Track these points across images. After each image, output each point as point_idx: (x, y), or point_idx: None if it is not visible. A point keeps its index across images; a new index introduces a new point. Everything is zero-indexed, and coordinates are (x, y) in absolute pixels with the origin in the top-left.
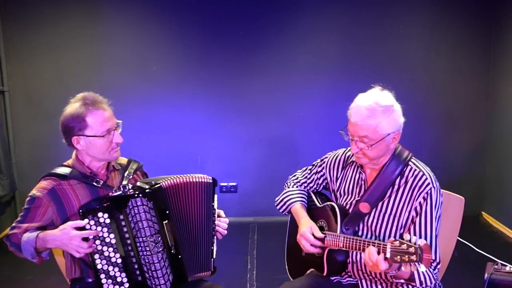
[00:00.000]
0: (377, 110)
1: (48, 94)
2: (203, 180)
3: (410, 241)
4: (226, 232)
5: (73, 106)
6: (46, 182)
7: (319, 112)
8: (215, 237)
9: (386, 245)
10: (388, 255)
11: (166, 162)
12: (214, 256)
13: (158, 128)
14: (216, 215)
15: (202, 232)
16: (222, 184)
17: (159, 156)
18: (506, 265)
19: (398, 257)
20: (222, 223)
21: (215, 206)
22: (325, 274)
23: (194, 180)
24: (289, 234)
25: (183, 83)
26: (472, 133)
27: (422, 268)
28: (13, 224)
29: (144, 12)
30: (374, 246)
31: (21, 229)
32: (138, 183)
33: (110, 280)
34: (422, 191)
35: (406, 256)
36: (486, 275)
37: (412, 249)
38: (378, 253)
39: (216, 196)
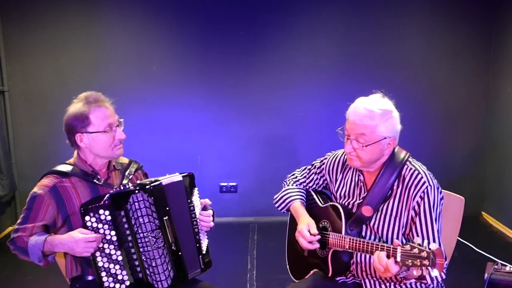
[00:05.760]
0: (375, 112)
1: (48, 94)
2: (178, 178)
3: (421, 244)
4: (212, 224)
5: (76, 106)
6: (48, 179)
7: (319, 112)
8: (199, 233)
9: (396, 248)
10: (398, 259)
11: (166, 162)
12: (204, 252)
13: (158, 128)
14: (196, 210)
15: (189, 229)
16: (222, 184)
17: (159, 156)
18: (506, 265)
19: (410, 261)
20: (205, 216)
21: (194, 202)
22: (330, 275)
23: (176, 179)
24: (289, 234)
25: (183, 83)
26: (472, 133)
27: (435, 272)
28: (16, 227)
29: (144, 12)
30: (383, 250)
31: (26, 231)
32: (138, 181)
33: (111, 278)
34: (419, 190)
35: (418, 261)
36: (486, 275)
37: (424, 254)
38: (388, 257)
39: (196, 189)
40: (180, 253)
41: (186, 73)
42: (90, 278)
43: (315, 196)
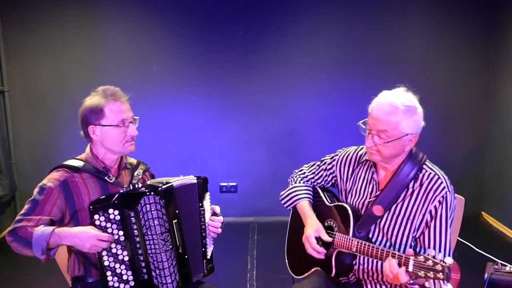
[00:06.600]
0: (399, 108)
1: (48, 94)
2: (192, 181)
3: (435, 257)
4: (220, 230)
5: (93, 99)
6: (59, 173)
7: (319, 112)
8: (206, 238)
9: (408, 258)
10: (410, 269)
11: (166, 162)
12: (208, 257)
13: (158, 128)
14: (206, 215)
15: (196, 233)
16: (222, 184)
17: (160, 156)
18: (506, 265)
19: (423, 272)
20: (215, 222)
21: (205, 206)
22: (333, 275)
23: (190, 181)
24: (290, 230)
25: (183, 83)
26: (472, 133)
27: (449, 287)
28: (19, 217)
29: (144, 12)
30: (394, 257)
31: (31, 221)
32: (149, 182)
33: (116, 278)
34: (438, 194)
35: (432, 273)
36: (486, 275)
37: (438, 267)
38: (399, 265)
39: (208, 194)
40: (186, 257)
41: (186, 73)
42: (90, 280)
43: (322, 194)
